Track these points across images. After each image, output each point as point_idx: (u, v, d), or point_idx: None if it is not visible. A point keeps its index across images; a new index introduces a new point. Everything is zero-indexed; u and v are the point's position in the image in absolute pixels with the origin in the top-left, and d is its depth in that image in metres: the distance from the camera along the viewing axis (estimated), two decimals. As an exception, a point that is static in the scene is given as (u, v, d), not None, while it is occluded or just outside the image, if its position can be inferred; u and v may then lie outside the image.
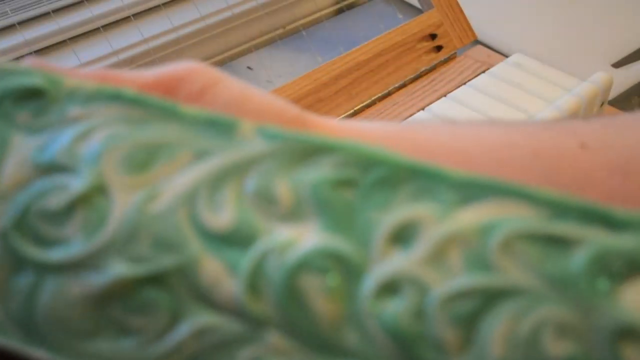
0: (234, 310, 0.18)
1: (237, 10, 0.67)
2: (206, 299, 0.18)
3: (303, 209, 0.19)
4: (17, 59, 0.58)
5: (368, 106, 0.59)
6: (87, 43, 0.61)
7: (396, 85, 0.61)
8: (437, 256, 0.18)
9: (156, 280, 0.18)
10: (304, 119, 0.23)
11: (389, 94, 0.60)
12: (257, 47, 0.68)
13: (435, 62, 0.63)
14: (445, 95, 0.58)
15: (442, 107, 0.56)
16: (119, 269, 0.18)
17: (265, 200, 0.19)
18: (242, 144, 0.19)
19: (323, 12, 0.73)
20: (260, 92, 0.23)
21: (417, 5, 0.67)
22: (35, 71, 0.21)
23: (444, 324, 0.17)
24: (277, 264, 0.18)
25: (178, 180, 0.19)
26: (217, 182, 0.19)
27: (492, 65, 0.61)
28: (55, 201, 0.19)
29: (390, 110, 0.58)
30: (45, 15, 0.61)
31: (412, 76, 0.62)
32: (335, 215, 0.18)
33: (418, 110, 0.57)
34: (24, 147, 0.20)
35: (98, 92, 0.20)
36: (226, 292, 0.18)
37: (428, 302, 0.17)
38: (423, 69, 0.62)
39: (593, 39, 0.72)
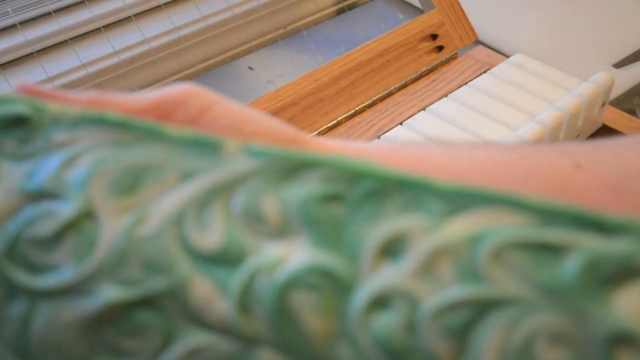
0: (226, 330, 0.18)
1: (238, 10, 0.67)
2: (198, 319, 0.18)
3: (291, 226, 0.19)
4: (19, 59, 0.59)
5: (369, 106, 0.59)
6: (88, 43, 0.62)
7: (397, 85, 0.61)
8: (427, 268, 0.17)
9: (147, 302, 0.18)
10: (301, 140, 0.23)
11: (390, 94, 0.60)
12: (258, 47, 0.68)
13: (436, 62, 0.63)
14: (446, 96, 0.58)
15: (443, 107, 0.56)
16: (110, 293, 0.18)
17: (253, 218, 0.19)
18: (227, 162, 0.19)
19: (324, 12, 0.73)
20: (258, 114, 0.23)
21: (418, 5, 0.67)
22: (19, 99, 0.21)
23: (436, 336, 0.17)
24: (267, 282, 0.18)
25: (165, 202, 0.19)
26: (204, 202, 0.19)
27: (493, 66, 0.61)
28: (45, 228, 0.19)
29: (391, 111, 0.58)
30: (46, 16, 0.61)
31: (413, 76, 0.62)
32: (324, 231, 0.18)
33: (419, 111, 0.57)
34: (12, 175, 0.20)
35: (82, 117, 0.20)
36: (217, 312, 0.18)
37: (419, 315, 0.17)
38: (424, 69, 0.62)
39: (594, 39, 0.72)
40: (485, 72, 0.61)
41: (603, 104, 0.58)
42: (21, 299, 0.19)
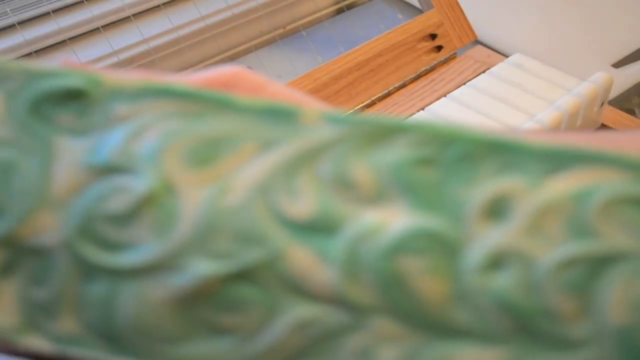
0: (333, 299, 0.17)
1: (237, 10, 0.67)
2: (300, 290, 0.17)
3: (385, 190, 0.18)
4: (18, 59, 0.58)
5: (368, 106, 0.59)
6: (87, 43, 0.61)
7: (396, 85, 0.61)
8: (536, 227, 0.17)
9: (244, 275, 0.17)
10: None
11: (389, 94, 0.60)
12: (257, 47, 0.68)
13: (435, 62, 0.63)
14: (445, 95, 0.58)
15: (442, 107, 0.56)
16: (202, 267, 0.17)
17: (344, 185, 0.18)
18: (308, 130, 0.19)
19: (323, 12, 0.73)
20: (307, 97, 0.22)
21: (417, 5, 0.67)
22: (72, 71, 0.19)
23: (557, 293, 0.17)
24: (371, 247, 0.17)
25: (248, 172, 0.18)
26: (290, 170, 0.18)
27: (492, 65, 0.61)
28: (119, 204, 0.18)
29: (390, 111, 0.58)
30: (45, 15, 0.61)
31: (412, 76, 0.62)
32: (421, 195, 0.18)
33: (418, 110, 0.57)
34: (72, 151, 0.18)
35: (145, 89, 0.19)
36: (321, 281, 0.17)
37: (537, 273, 0.17)
38: (423, 69, 0.62)
39: (593, 39, 0.72)
40: (484, 72, 0.61)
41: (602, 104, 0.58)
42: (101, 279, 0.18)
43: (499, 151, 0.18)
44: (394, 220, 0.18)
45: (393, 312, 0.17)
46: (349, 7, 0.74)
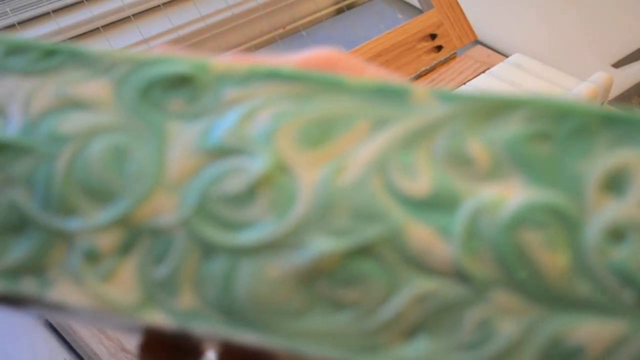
0: (453, 273, 0.18)
1: (237, 10, 0.67)
2: (420, 265, 0.18)
3: (501, 166, 0.18)
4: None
5: (368, 106, 0.59)
6: (87, 43, 0.62)
7: (396, 85, 0.61)
8: None
9: (364, 251, 0.18)
10: None
11: (389, 94, 0.60)
12: (257, 47, 0.68)
13: (435, 62, 0.63)
14: (445, 95, 0.58)
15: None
16: (322, 244, 0.18)
17: (460, 161, 0.18)
18: (420, 109, 0.19)
19: (323, 12, 0.73)
20: (406, 80, 0.22)
21: (417, 5, 0.67)
22: (179, 58, 0.20)
23: None
24: (491, 222, 0.18)
25: (363, 150, 0.18)
26: (405, 148, 0.18)
27: (492, 65, 0.61)
28: (235, 184, 0.18)
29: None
30: (45, 16, 0.61)
31: (412, 76, 0.62)
32: (538, 170, 0.18)
33: (418, 110, 0.57)
34: (185, 135, 0.19)
35: (252, 72, 0.19)
36: (441, 256, 0.18)
37: None
38: (423, 69, 0.62)
39: (593, 39, 0.72)
40: (484, 72, 0.61)
41: (602, 104, 0.58)
42: (220, 257, 0.18)
43: (613, 124, 0.18)
44: (512, 195, 0.18)
45: (513, 285, 0.18)
46: (349, 7, 0.74)
